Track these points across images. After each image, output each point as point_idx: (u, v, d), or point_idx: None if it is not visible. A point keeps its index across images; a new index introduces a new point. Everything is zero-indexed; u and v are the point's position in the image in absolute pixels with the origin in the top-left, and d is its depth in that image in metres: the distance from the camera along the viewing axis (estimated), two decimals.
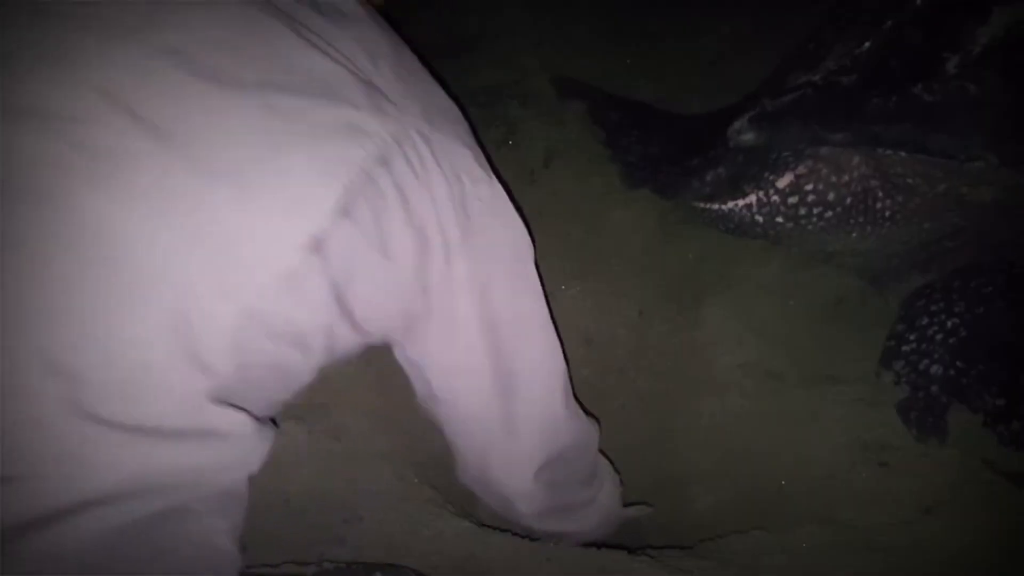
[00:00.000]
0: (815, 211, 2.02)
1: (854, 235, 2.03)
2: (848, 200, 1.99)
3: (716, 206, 2.12)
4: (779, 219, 2.05)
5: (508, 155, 2.36)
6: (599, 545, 1.61)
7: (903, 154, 1.84)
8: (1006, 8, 1.78)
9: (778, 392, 1.96)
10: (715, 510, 1.88)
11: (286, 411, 1.65)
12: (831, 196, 2.00)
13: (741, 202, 2.07)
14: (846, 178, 1.98)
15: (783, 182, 2.02)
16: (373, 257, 0.93)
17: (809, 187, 2.00)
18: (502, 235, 1.18)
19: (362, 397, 1.80)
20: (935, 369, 1.84)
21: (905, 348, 1.90)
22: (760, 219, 2.07)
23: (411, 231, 0.96)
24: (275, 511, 1.50)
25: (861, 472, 1.79)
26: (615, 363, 2.10)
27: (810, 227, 2.04)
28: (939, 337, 1.88)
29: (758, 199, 2.05)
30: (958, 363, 1.84)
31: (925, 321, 1.91)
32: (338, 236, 0.88)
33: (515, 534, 1.57)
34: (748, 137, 1.96)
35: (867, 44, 1.90)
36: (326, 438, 1.66)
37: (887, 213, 1.99)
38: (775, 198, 2.04)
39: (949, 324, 1.89)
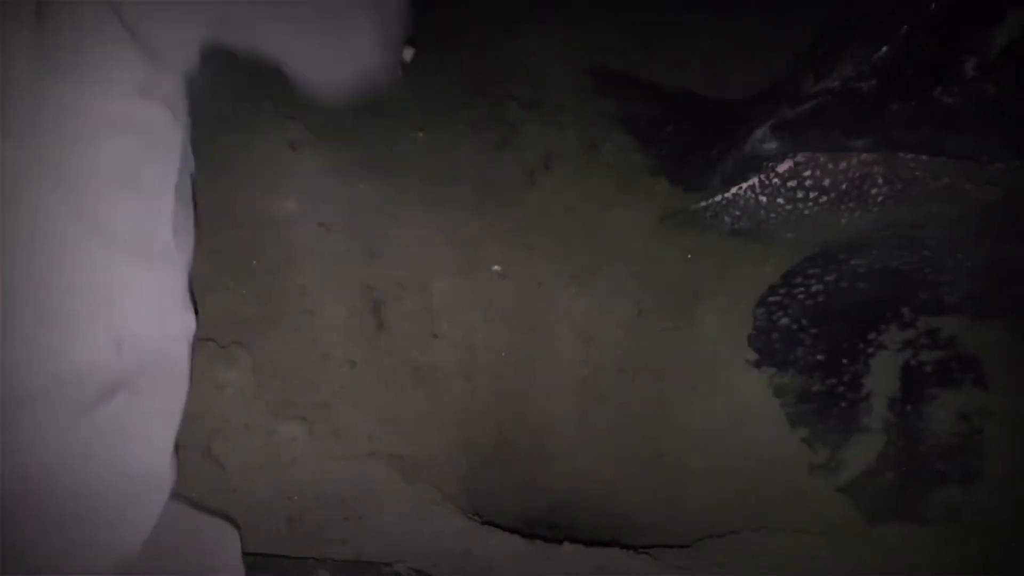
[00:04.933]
0: (811, 196, 2.06)
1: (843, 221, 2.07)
2: (844, 186, 2.03)
3: (721, 195, 2.15)
4: (779, 200, 2.09)
5: (508, 156, 2.37)
6: (598, 544, 1.62)
7: (924, 158, 1.86)
8: (1020, 10, 1.78)
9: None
10: (714, 509, 1.89)
11: (286, 411, 1.67)
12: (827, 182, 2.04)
13: (744, 185, 2.11)
14: (844, 165, 2.01)
15: (783, 167, 2.06)
16: None
17: (807, 173, 2.04)
18: None
19: (362, 397, 1.81)
20: (783, 321, 2.00)
21: (771, 298, 2.03)
22: (763, 199, 2.11)
23: None
24: (276, 511, 1.51)
25: None
26: (614, 363, 2.10)
27: (807, 212, 2.08)
28: (800, 296, 2.02)
29: (760, 181, 2.09)
30: (803, 321, 1.99)
31: (799, 280, 2.03)
32: None
33: (515, 533, 1.59)
34: (770, 147, 1.98)
35: (884, 49, 1.90)
36: (326, 438, 1.67)
37: (880, 199, 2.02)
38: (775, 181, 2.08)
39: (814, 288, 2.01)
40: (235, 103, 2.10)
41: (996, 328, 1.82)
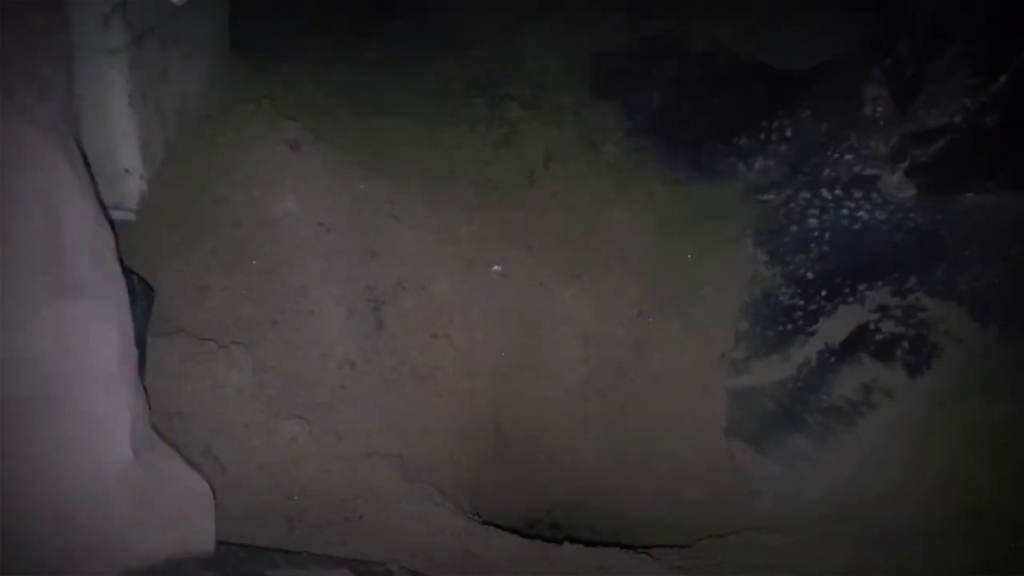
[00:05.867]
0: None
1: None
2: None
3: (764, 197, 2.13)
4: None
5: (508, 155, 2.37)
6: (598, 544, 1.62)
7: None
8: None
9: None
10: (713, 509, 1.89)
11: (287, 411, 1.67)
12: None
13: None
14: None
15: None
16: None
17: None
18: None
19: (362, 397, 1.80)
20: (812, 221, 2.02)
21: (823, 190, 2.02)
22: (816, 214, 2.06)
23: None
24: (276, 511, 1.50)
25: None
26: (614, 362, 2.10)
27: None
28: (795, 229, 2.03)
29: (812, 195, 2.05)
30: (825, 235, 1.99)
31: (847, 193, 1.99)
32: None
33: (514, 532, 1.59)
34: (909, 194, 1.89)
35: (1002, 78, 1.78)
36: (326, 438, 1.67)
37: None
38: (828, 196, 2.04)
39: (855, 211, 1.97)
40: (235, 103, 2.10)
41: (981, 331, 1.74)
